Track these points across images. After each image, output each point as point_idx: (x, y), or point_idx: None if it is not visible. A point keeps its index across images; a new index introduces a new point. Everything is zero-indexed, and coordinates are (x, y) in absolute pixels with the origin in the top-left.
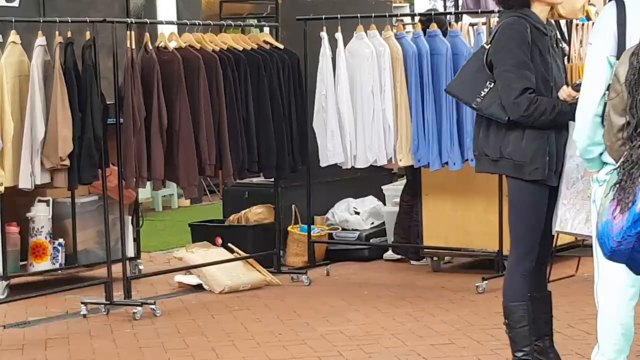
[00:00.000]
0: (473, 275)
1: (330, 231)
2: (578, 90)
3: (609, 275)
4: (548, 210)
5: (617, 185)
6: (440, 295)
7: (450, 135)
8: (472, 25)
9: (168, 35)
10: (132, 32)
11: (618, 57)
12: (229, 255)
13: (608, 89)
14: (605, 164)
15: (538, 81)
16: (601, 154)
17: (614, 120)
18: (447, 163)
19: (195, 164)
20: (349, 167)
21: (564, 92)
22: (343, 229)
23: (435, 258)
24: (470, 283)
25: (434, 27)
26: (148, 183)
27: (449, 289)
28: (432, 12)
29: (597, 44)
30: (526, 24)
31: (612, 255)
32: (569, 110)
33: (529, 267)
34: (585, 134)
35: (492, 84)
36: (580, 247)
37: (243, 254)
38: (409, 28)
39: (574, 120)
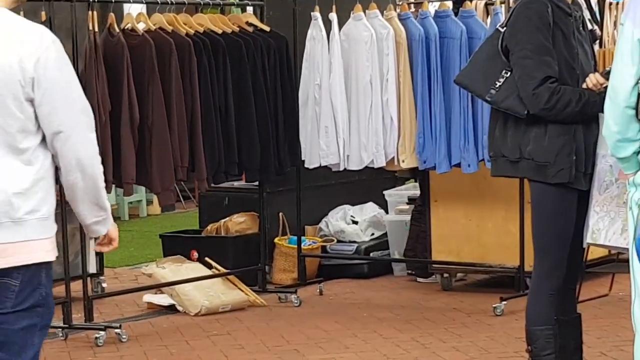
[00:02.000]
0: (490, 295)
1: (324, 243)
2: (608, 78)
3: None
4: (577, 219)
5: None
6: (452, 318)
7: (464, 133)
8: (488, 4)
9: (136, 16)
10: (95, 12)
11: None
12: (207, 272)
13: None
14: None
15: (561, 69)
16: (637, 152)
17: None
18: (459, 164)
19: (171, 165)
20: (342, 169)
21: (591, 80)
22: (338, 241)
23: (445, 275)
24: (486, 304)
25: (468, 5)
26: (114, 188)
27: (462, 310)
28: None
29: (628, 24)
30: (547, 2)
31: None
32: (597, 101)
33: (556, 286)
34: (615, 128)
35: (509, 73)
36: (614, 262)
37: (223, 269)
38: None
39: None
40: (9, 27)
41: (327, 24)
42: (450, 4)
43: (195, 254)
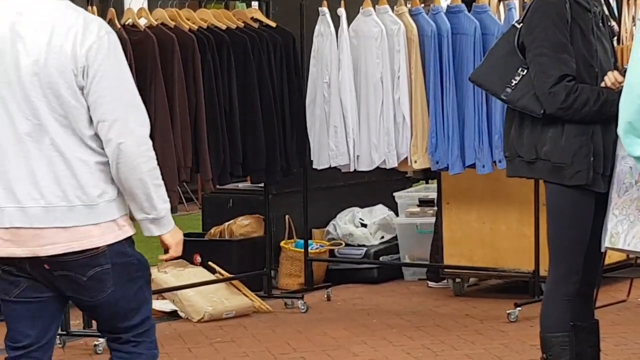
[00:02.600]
0: (504, 301)
1: (332, 247)
2: None
3: None
4: (595, 222)
5: None
6: (464, 325)
7: (478, 132)
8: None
9: (137, 11)
10: (95, 7)
11: None
12: (210, 277)
13: None
14: None
15: (579, 67)
16: None
17: None
18: (473, 165)
19: (174, 165)
20: (352, 170)
21: (610, 78)
22: (347, 245)
23: (458, 280)
24: (500, 310)
25: (481, 0)
26: None
27: (475, 316)
28: None
29: None
30: None
31: None
32: (616, 100)
33: (572, 291)
34: (630, 126)
35: (525, 71)
36: (633, 267)
37: (227, 274)
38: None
39: None
40: (65, 17)
41: (336, 20)
42: None
43: (199, 258)
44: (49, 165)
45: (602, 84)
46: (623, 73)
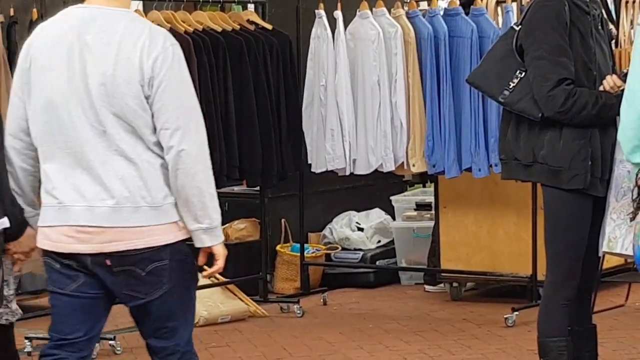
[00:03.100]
0: (501, 305)
1: (328, 251)
2: (625, 80)
3: None
4: (593, 227)
5: None
6: (461, 329)
7: (475, 136)
8: (499, 2)
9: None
10: None
11: None
12: (205, 281)
13: None
14: None
15: (578, 70)
16: None
17: None
18: (470, 169)
19: None
20: (348, 173)
21: (609, 82)
22: (343, 249)
23: (455, 284)
24: (497, 314)
25: (478, 3)
26: None
27: (472, 321)
28: None
29: None
30: (564, 0)
31: None
32: (615, 104)
33: (570, 295)
34: (632, 132)
35: (523, 74)
36: (631, 272)
37: (222, 278)
38: (424, 5)
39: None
40: (132, 29)
41: (332, 22)
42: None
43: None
44: (116, 168)
45: (601, 88)
46: (621, 77)
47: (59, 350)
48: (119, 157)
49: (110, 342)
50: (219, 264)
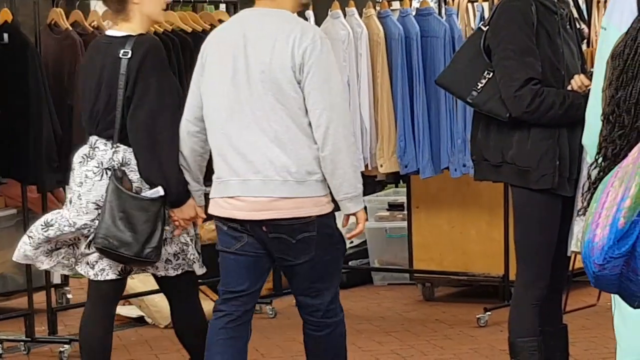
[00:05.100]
0: (473, 305)
1: None
2: None
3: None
4: (562, 226)
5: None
6: (434, 330)
7: (450, 135)
8: (471, 1)
9: (102, 13)
10: (60, 9)
11: None
12: None
13: None
14: None
15: (545, 70)
16: None
17: None
18: (447, 168)
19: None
20: None
21: (577, 81)
22: None
23: (427, 284)
24: (469, 314)
25: (450, 3)
26: None
27: (444, 321)
28: None
29: (613, 29)
30: (531, 0)
31: (597, 282)
32: (582, 103)
33: (540, 296)
34: (597, 135)
35: (491, 74)
36: None
37: None
38: (396, 5)
39: None
40: (285, 26)
41: None
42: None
43: None
44: (268, 145)
45: (569, 87)
46: (590, 76)
47: (226, 306)
48: (272, 136)
49: None
50: (361, 227)
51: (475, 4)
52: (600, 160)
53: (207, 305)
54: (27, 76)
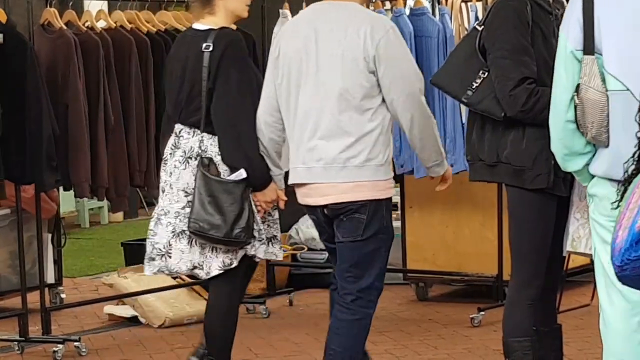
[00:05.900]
0: (467, 305)
1: (294, 252)
2: None
3: (604, 304)
4: (557, 226)
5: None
6: (427, 329)
7: (444, 135)
8: (464, 1)
9: (95, 13)
10: (54, 9)
11: (585, 51)
12: (171, 282)
13: (577, 89)
14: (593, 176)
15: (540, 69)
16: (587, 164)
17: None
18: None
19: (126, 169)
20: None
21: None
22: (309, 249)
23: (421, 284)
24: (463, 314)
25: (443, 3)
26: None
27: (438, 321)
28: None
29: (563, 35)
30: (526, 0)
31: (621, 281)
32: None
33: (534, 295)
34: (560, 143)
35: (486, 74)
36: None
37: (188, 279)
38: (388, 5)
39: None
40: (356, 17)
41: None
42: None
43: None
44: (329, 132)
45: None
46: None
47: (336, 279)
48: (336, 127)
49: (75, 343)
50: (449, 181)
51: (469, 3)
52: (637, 155)
53: (202, 306)
54: (26, 76)
